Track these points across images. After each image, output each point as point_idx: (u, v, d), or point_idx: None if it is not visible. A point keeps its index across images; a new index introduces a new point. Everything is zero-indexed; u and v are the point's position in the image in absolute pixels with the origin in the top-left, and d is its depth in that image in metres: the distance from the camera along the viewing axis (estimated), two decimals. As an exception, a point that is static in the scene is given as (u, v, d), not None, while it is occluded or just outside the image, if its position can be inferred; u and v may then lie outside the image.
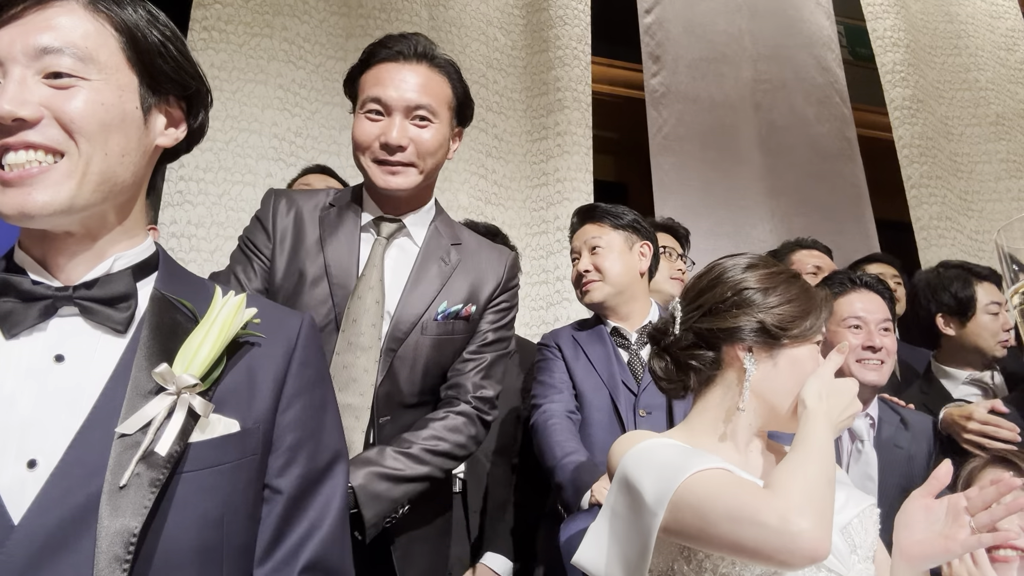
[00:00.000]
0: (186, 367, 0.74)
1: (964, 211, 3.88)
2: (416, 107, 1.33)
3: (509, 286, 1.48)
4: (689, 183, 3.55)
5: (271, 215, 1.39)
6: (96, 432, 0.70)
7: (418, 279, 1.37)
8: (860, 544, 1.05)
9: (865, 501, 1.10)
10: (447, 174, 3.08)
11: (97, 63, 0.74)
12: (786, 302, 1.11)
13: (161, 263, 0.83)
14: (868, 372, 1.69)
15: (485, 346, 1.43)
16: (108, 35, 0.75)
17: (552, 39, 3.46)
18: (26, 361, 0.72)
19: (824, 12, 4.14)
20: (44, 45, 0.72)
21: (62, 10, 0.74)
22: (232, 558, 0.75)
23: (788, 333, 1.09)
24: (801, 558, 0.88)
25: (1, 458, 0.67)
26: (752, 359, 1.10)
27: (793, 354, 1.10)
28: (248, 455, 0.77)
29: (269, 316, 0.85)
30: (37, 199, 0.70)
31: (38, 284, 0.74)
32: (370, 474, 1.22)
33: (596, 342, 1.84)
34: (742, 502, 0.91)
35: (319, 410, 0.86)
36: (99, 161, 0.73)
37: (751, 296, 1.11)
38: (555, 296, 3.13)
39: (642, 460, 1.03)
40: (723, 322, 1.12)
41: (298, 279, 1.33)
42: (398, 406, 1.35)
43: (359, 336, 1.30)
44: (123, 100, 0.75)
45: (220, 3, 2.79)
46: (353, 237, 1.38)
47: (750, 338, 1.10)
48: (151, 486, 0.68)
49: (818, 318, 1.11)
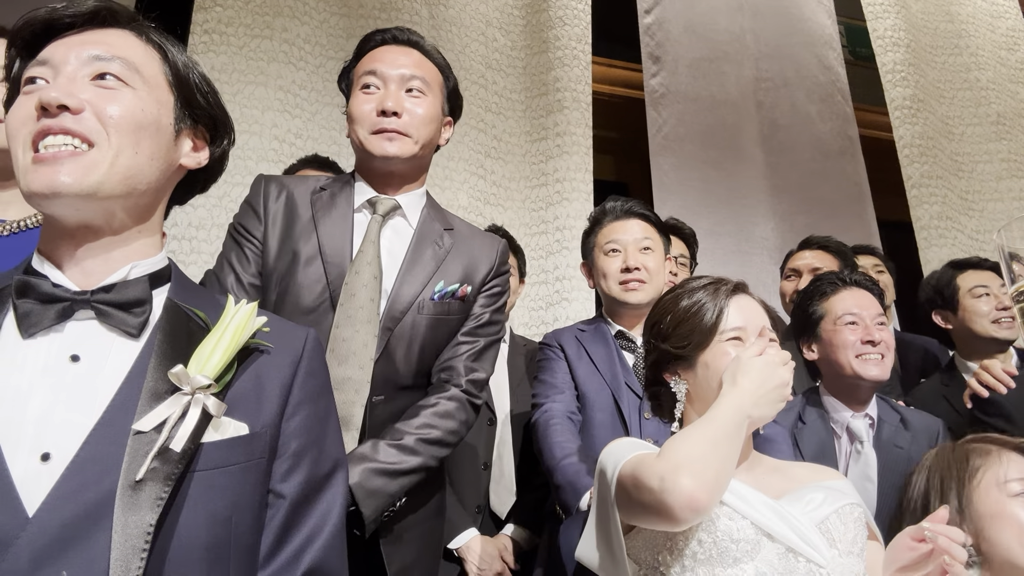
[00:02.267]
0: (200, 369, 0.76)
1: (965, 211, 3.88)
2: (410, 78, 1.40)
3: (502, 271, 1.50)
4: (689, 183, 3.55)
5: (262, 199, 1.40)
6: (110, 430, 0.72)
7: (414, 259, 1.39)
8: (839, 539, 1.09)
9: (842, 500, 1.14)
10: (447, 173, 3.09)
11: (142, 76, 0.82)
12: (676, 322, 1.22)
13: (174, 275, 0.87)
14: (870, 367, 1.69)
15: (479, 328, 1.45)
16: (155, 59, 0.85)
17: (552, 40, 3.47)
18: (43, 360, 0.74)
19: (825, 10, 4.14)
20: (96, 54, 0.79)
21: (116, 34, 0.83)
22: (239, 558, 0.77)
23: (687, 348, 1.20)
24: (680, 510, 0.97)
25: (15, 451, 0.69)
26: (679, 380, 1.22)
27: (704, 359, 1.19)
28: (256, 458, 0.80)
29: (277, 328, 0.88)
30: (65, 179, 0.74)
31: (57, 287, 0.77)
32: (366, 471, 1.23)
33: (599, 342, 1.83)
34: (639, 471, 1.02)
35: (322, 419, 0.89)
36: (128, 157, 0.78)
37: (657, 330, 1.25)
38: (555, 296, 3.14)
39: (610, 452, 1.14)
40: (649, 359, 1.29)
41: (292, 259, 1.34)
42: (393, 386, 1.36)
43: (358, 310, 1.31)
44: (160, 113, 0.83)
45: (220, 5, 2.80)
46: (346, 218, 1.39)
47: (667, 364, 1.24)
48: (166, 480, 0.70)
49: (713, 319, 1.19)
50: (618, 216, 1.88)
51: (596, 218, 1.94)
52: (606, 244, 1.86)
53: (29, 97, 0.78)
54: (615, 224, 1.88)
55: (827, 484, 1.18)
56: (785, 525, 1.05)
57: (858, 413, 1.73)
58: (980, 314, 2.19)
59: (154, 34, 0.86)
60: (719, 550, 1.03)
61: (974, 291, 2.21)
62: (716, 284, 1.23)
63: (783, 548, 1.04)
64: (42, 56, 0.80)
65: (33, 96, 0.77)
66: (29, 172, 0.75)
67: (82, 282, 0.78)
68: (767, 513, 1.06)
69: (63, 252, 0.79)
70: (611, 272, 1.83)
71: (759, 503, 1.07)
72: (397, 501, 1.29)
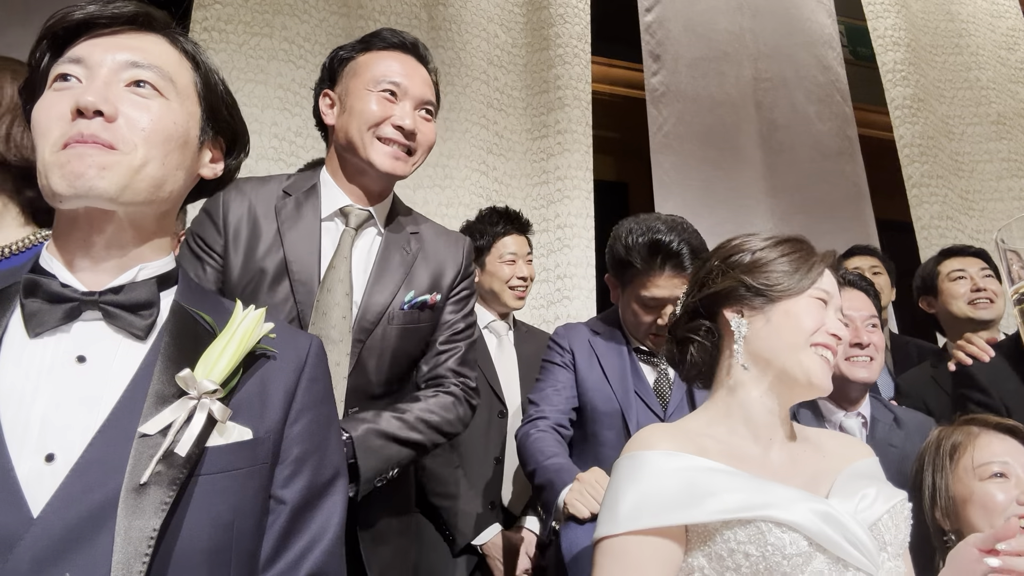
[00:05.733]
0: (207, 373, 0.76)
1: (965, 210, 3.88)
2: (427, 102, 1.39)
3: (468, 272, 1.49)
4: (689, 182, 3.55)
5: (221, 209, 1.33)
6: (115, 431, 0.72)
7: (382, 269, 1.36)
8: (890, 541, 1.02)
9: (896, 496, 1.06)
10: (448, 171, 3.09)
11: (176, 86, 0.82)
12: (771, 260, 1.11)
13: (180, 277, 0.87)
14: (858, 369, 1.70)
15: (456, 335, 1.45)
16: (187, 68, 0.85)
17: (552, 37, 3.47)
18: (49, 360, 0.74)
19: (825, 10, 4.14)
20: (134, 60, 0.79)
21: (151, 40, 0.83)
22: (240, 562, 0.77)
23: (774, 289, 1.08)
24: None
25: (20, 451, 0.69)
26: (741, 320, 1.10)
27: (786, 307, 1.08)
28: (259, 463, 0.80)
29: (282, 334, 0.89)
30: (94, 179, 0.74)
31: (66, 287, 0.76)
32: (368, 430, 1.24)
33: (614, 353, 1.71)
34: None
35: (324, 426, 0.89)
36: (156, 167, 0.79)
37: (736, 260, 1.13)
38: (556, 294, 3.14)
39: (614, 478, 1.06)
40: (710, 289, 1.14)
41: (258, 277, 1.30)
42: (365, 397, 1.35)
43: (330, 329, 1.28)
44: (189, 126, 0.84)
45: (220, 3, 2.80)
46: (314, 229, 1.34)
47: (736, 299, 1.10)
48: (171, 485, 0.70)
49: (808, 272, 1.10)
50: (656, 270, 1.62)
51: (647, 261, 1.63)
52: (646, 295, 1.63)
53: (61, 95, 0.77)
54: (664, 269, 1.61)
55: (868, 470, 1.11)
56: (836, 531, 0.96)
57: (850, 412, 1.74)
58: (956, 296, 2.31)
59: (186, 42, 0.86)
60: (767, 564, 0.94)
61: (951, 275, 2.35)
62: (810, 246, 1.16)
63: (833, 558, 0.96)
64: (76, 53, 0.79)
65: (66, 95, 0.77)
66: (55, 169, 0.74)
67: (90, 283, 0.78)
68: (818, 522, 0.96)
69: (75, 251, 0.78)
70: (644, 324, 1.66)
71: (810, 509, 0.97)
72: (391, 470, 1.28)
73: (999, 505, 1.27)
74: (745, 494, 0.97)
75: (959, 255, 2.42)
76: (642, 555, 0.97)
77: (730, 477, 1.00)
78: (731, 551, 0.95)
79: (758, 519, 0.95)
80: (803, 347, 1.06)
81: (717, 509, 0.96)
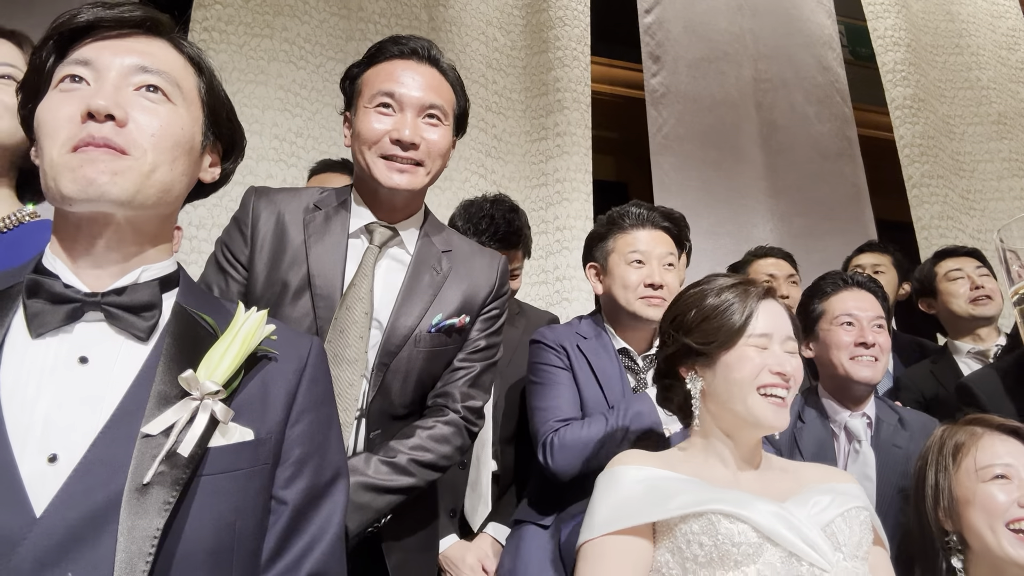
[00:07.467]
0: (210, 375, 0.77)
1: (966, 210, 3.88)
2: (429, 106, 1.32)
3: (501, 292, 1.44)
4: (689, 183, 3.55)
5: (251, 218, 1.31)
6: (118, 432, 0.72)
7: (410, 290, 1.32)
8: (845, 543, 1.09)
9: (849, 503, 1.15)
10: (447, 173, 3.09)
11: (182, 91, 0.84)
12: (709, 315, 1.21)
13: (182, 280, 0.87)
14: (862, 369, 1.70)
15: (474, 354, 1.40)
16: (191, 74, 0.87)
17: (552, 40, 3.47)
18: (51, 361, 0.74)
19: (825, 11, 4.14)
20: (142, 64, 0.80)
21: (158, 44, 0.85)
22: (241, 562, 0.77)
23: (711, 346, 1.19)
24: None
25: (23, 451, 0.69)
26: (696, 377, 1.23)
27: (726, 360, 1.19)
28: (260, 464, 0.80)
29: (283, 335, 0.89)
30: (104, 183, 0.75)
31: (68, 288, 0.77)
32: (355, 484, 1.19)
33: (604, 358, 1.69)
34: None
35: (325, 427, 0.90)
36: (164, 172, 0.80)
37: (681, 321, 1.25)
38: (555, 296, 3.14)
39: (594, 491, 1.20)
40: (664, 352, 1.29)
41: (280, 290, 1.28)
42: (388, 419, 1.32)
43: (346, 348, 1.25)
44: (194, 131, 0.85)
45: (220, 4, 2.80)
46: (340, 244, 1.32)
47: (686, 358, 1.24)
48: (174, 485, 0.71)
49: (743, 315, 1.19)
50: (643, 224, 1.74)
51: (614, 220, 1.78)
52: (629, 252, 1.71)
53: (70, 96, 0.77)
54: (640, 233, 1.72)
55: (835, 487, 1.18)
56: (788, 529, 1.06)
57: (855, 412, 1.73)
58: (956, 295, 2.37)
59: (190, 48, 0.87)
60: (720, 553, 1.04)
61: (948, 275, 2.41)
62: (746, 286, 1.22)
63: (786, 552, 1.05)
64: (83, 55, 0.79)
65: (74, 96, 0.77)
66: (65, 172, 0.74)
67: (93, 283, 0.78)
68: (769, 517, 1.06)
69: (79, 252, 0.79)
70: (632, 284, 1.68)
71: (762, 507, 1.08)
72: (383, 517, 1.27)
73: (1000, 507, 1.27)
74: (701, 493, 1.11)
75: (954, 255, 2.47)
76: (617, 553, 1.12)
77: (692, 483, 1.14)
78: (688, 542, 1.07)
79: (709, 512, 1.07)
80: (749, 392, 1.16)
81: (676, 506, 1.10)
